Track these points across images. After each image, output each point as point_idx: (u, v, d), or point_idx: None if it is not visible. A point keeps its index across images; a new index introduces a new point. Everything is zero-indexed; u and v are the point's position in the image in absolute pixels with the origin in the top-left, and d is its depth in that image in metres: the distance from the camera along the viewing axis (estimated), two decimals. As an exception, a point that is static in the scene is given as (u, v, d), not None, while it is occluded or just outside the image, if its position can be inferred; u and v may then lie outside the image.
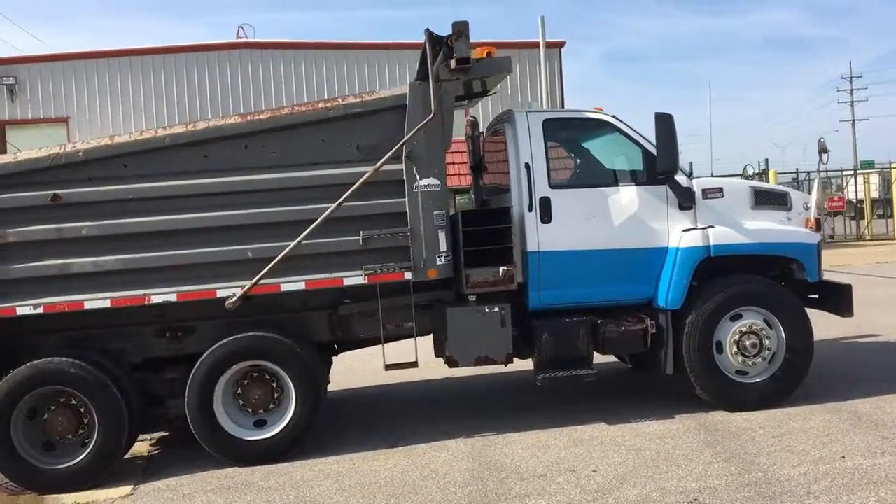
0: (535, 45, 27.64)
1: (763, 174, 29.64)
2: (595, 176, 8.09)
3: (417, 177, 7.25)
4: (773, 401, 7.66)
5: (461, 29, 7.28)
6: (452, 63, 7.26)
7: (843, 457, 6.22)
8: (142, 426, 7.64)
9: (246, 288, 7.09)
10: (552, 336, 7.53)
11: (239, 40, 28.14)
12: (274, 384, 7.35)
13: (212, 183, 7.13)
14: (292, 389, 7.23)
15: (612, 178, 7.97)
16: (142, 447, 8.14)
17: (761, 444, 6.67)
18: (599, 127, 7.97)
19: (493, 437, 7.47)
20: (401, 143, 7.14)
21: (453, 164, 20.18)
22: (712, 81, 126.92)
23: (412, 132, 7.16)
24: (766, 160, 29.28)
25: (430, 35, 7.34)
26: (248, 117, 7.29)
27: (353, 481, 6.53)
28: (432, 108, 7.19)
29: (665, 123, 7.39)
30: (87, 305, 7.06)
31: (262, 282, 7.12)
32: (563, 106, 28.72)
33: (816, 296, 8.30)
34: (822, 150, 8.10)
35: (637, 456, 6.61)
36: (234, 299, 7.09)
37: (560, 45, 28.73)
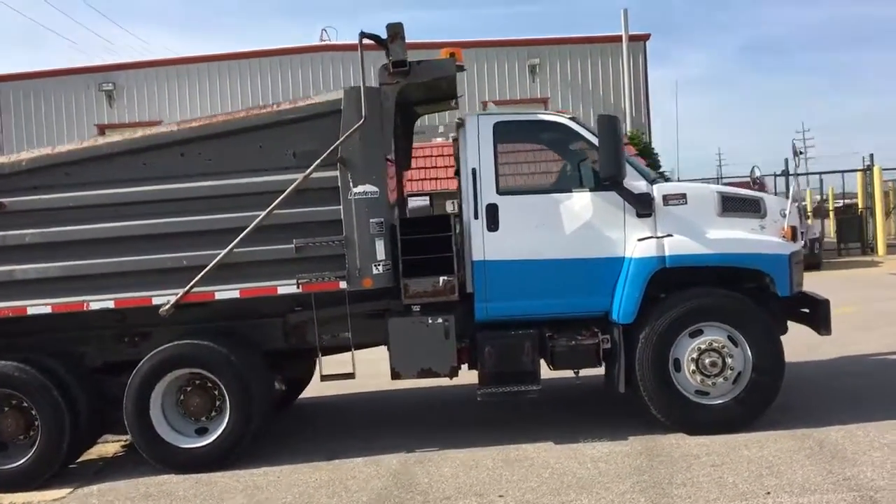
0: (619, 39, 27.06)
1: (867, 169, 27.76)
2: (546, 181, 7.69)
3: (352, 184, 7.06)
4: (738, 424, 7.07)
5: (396, 31, 7.08)
6: (390, 66, 7.06)
7: (769, 492, 5.65)
8: (104, 429, 7.79)
9: (178, 296, 7.10)
10: (495, 350, 7.21)
11: (322, 43, 28.58)
12: (216, 392, 7.34)
13: (148, 191, 7.17)
14: (227, 398, 7.19)
15: (565, 184, 7.55)
16: (113, 448, 8.31)
17: (694, 473, 6.15)
18: (556, 130, 7.56)
19: (432, 452, 7.21)
20: (329, 149, 6.98)
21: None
22: (861, 71, 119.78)
23: (342, 139, 6.98)
24: (871, 155, 27.27)
25: (363, 37, 7.14)
26: (182, 125, 7.30)
27: (264, 496, 6.43)
28: (363, 113, 6.98)
29: (608, 127, 6.93)
30: (30, 311, 7.23)
31: (195, 290, 7.12)
32: (647, 102, 27.93)
33: (807, 310, 7.65)
34: (795, 151, 7.42)
35: (556, 480, 6.23)
36: (167, 307, 7.11)
37: (645, 38, 27.82)
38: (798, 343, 10.40)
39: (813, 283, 18.59)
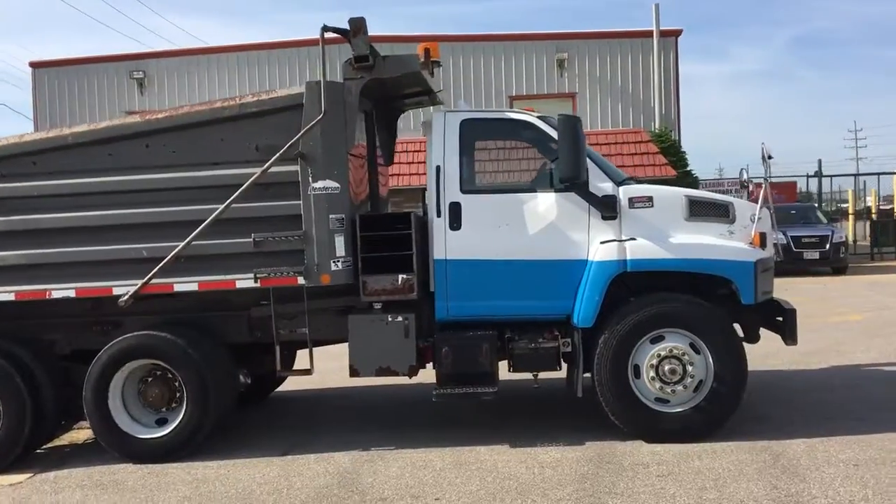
0: (650, 34, 26.65)
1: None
2: (512, 180, 7.57)
3: (312, 179, 7.02)
4: (698, 433, 6.90)
5: (359, 25, 7.02)
6: (353, 61, 7.00)
7: (706, 506, 5.50)
8: (76, 415, 7.86)
9: (137, 287, 7.13)
10: (452, 350, 7.12)
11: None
12: (176, 384, 7.36)
13: (114, 181, 7.21)
14: (184, 390, 7.21)
15: (531, 184, 7.43)
16: (85, 434, 8.38)
17: (637, 483, 6.01)
18: (524, 129, 7.42)
19: (387, 451, 7.15)
20: (288, 144, 6.93)
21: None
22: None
23: (300, 133, 6.93)
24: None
25: (325, 30, 7.08)
26: (147, 116, 7.31)
27: (206, 490, 6.43)
28: (322, 108, 6.93)
29: (568, 127, 6.79)
30: None
31: (154, 281, 7.14)
32: (677, 99, 27.48)
33: (781, 318, 7.45)
34: (765, 156, 7.19)
35: (497, 485, 6.13)
36: (125, 297, 7.15)
37: (676, 33, 27.36)
38: (793, 352, 10.28)
39: (828, 287, 18.32)
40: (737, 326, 7.62)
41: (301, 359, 8.22)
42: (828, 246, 21.35)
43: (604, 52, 27.24)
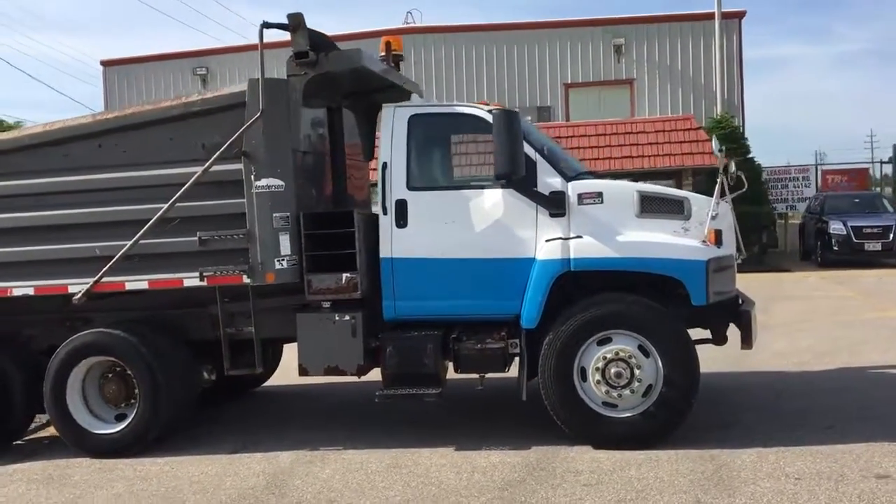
0: (711, 17, 25.75)
1: None
2: (458, 177, 7.36)
3: (255, 177, 6.98)
4: (646, 440, 6.59)
5: (297, 22, 6.92)
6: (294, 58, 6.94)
7: (612, 520, 5.24)
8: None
9: (89, 285, 7.24)
10: (396, 350, 6.99)
11: (406, 25, 28.55)
12: (135, 381, 7.46)
13: (68, 181, 7.33)
14: (137, 386, 7.30)
15: (479, 180, 7.21)
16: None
17: (558, 493, 5.77)
18: (474, 124, 7.18)
19: (331, 451, 7.08)
20: (227, 143, 6.91)
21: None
22: None
23: (239, 132, 6.90)
24: None
25: (265, 27, 7.03)
26: (99, 116, 7.41)
27: (139, 487, 6.48)
28: (260, 106, 6.87)
29: (502, 123, 6.55)
30: None
31: (106, 279, 7.24)
32: (741, 84, 26.53)
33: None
34: (715, 149, 6.78)
35: (418, 491, 5.99)
36: (79, 295, 7.27)
37: (740, 14, 26.38)
38: (807, 351, 9.79)
39: (883, 281, 17.38)
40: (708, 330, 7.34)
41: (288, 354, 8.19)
42: (891, 236, 20.21)
43: (662, 36, 26.47)
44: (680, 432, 6.76)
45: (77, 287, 7.31)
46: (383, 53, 8.07)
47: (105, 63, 29.97)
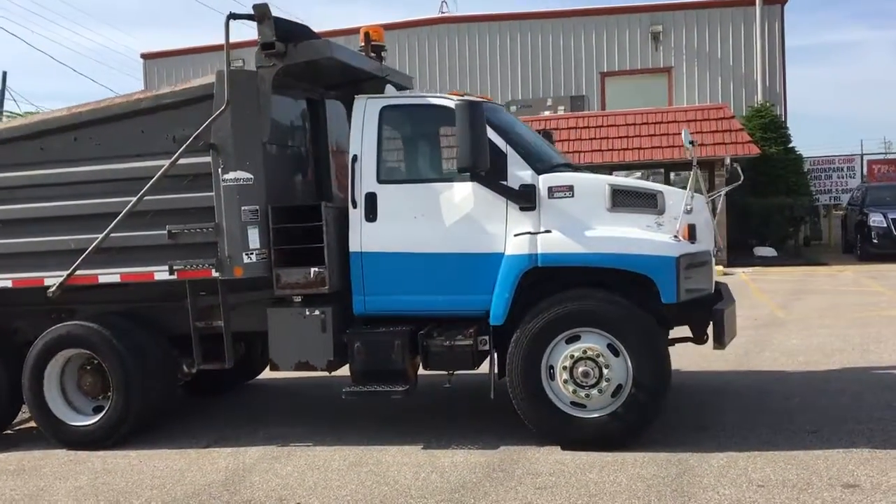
0: (752, 3, 25.06)
1: None
2: (428, 170, 7.20)
3: (223, 170, 6.92)
4: (614, 441, 6.39)
5: (263, 12, 6.83)
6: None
7: (553, 527, 5.05)
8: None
9: (63, 278, 7.27)
10: (363, 347, 6.86)
11: (441, 15, 28.38)
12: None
13: (45, 174, 7.38)
14: (111, 379, 7.32)
15: (448, 173, 7.04)
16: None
17: (509, 495, 5.61)
18: (446, 115, 6.98)
19: (298, 448, 7.02)
20: (193, 136, 6.85)
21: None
22: None
23: (205, 124, 6.83)
24: None
25: (231, 18, 6.95)
26: (73, 110, 7.42)
27: (102, 481, 6.48)
28: (225, 98, 6.80)
29: (465, 115, 6.36)
30: None
31: (80, 272, 7.26)
32: (783, 72, 25.72)
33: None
34: (686, 142, 6.49)
35: (370, 491, 5.88)
36: (53, 288, 7.31)
37: (782, 1, 25.50)
38: (817, 349, 9.45)
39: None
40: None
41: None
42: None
43: (702, 24, 25.81)
44: (656, 433, 6.58)
45: (52, 280, 7.35)
46: (363, 44, 7.92)
47: (145, 56, 30.36)
